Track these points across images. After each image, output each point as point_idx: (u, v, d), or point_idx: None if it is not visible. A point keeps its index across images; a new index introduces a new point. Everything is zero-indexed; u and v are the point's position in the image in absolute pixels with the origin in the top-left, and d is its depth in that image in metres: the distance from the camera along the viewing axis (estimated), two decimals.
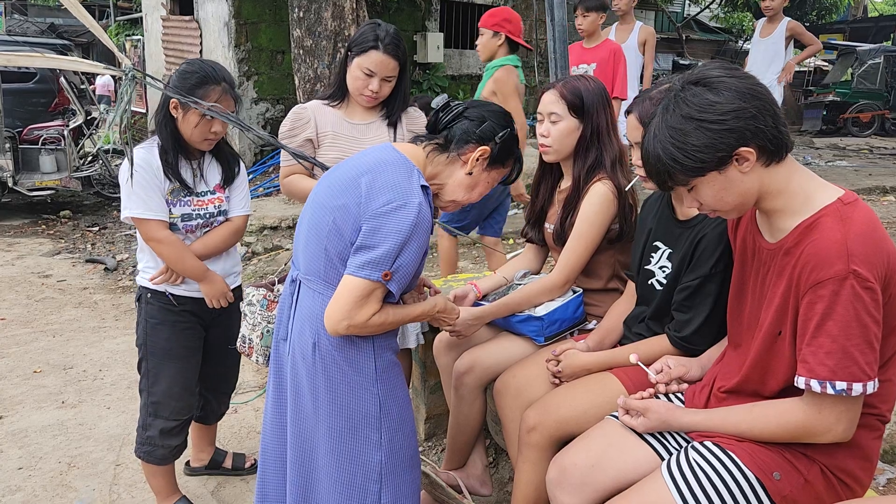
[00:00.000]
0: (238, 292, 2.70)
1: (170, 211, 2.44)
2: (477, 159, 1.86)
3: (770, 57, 6.39)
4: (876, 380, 1.43)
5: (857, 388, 1.41)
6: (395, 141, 2.64)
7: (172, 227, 2.46)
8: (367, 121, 2.66)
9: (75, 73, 8.53)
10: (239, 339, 2.37)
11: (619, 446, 1.77)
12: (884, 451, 2.52)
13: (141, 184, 2.36)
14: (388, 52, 2.50)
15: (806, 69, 21.75)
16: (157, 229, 2.41)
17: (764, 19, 6.58)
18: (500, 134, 1.88)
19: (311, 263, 1.82)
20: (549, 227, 2.50)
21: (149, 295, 2.52)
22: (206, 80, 2.35)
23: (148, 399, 2.55)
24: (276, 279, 2.41)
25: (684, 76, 1.51)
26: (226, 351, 2.71)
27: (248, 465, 3.02)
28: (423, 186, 1.75)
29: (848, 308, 1.39)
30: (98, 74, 8.30)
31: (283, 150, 2.65)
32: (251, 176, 8.46)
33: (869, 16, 21.98)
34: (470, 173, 1.87)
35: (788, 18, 6.48)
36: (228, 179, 2.59)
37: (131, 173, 2.31)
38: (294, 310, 1.88)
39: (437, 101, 1.92)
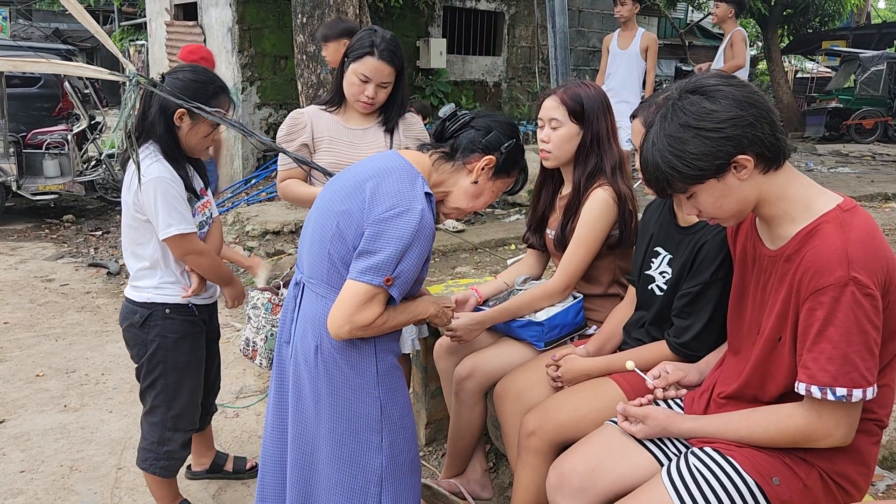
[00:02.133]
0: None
1: None
2: (482, 168, 1.87)
3: (630, 70, 6.26)
4: (875, 385, 1.44)
5: (858, 393, 1.42)
6: (391, 146, 2.65)
7: None
8: (363, 126, 2.67)
9: (79, 77, 8.56)
10: (242, 342, 2.38)
11: (619, 452, 1.78)
12: (883, 458, 2.51)
13: (177, 197, 2.28)
14: (384, 59, 2.51)
15: (809, 76, 21.76)
16: (197, 241, 2.36)
17: (619, 29, 6.39)
18: (506, 144, 1.90)
19: (314, 267, 1.84)
20: (550, 232, 2.51)
21: (167, 311, 2.42)
22: (220, 90, 2.35)
23: (167, 415, 2.48)
24: (281, 283, 2.42)
25: (682, 85, 1.52)
26: (215, 352, 2.72)
27: (248, 467, 3.02)
28: (426, 193, 1.76)
29: (848, 314, 1.40)
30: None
31: (280, 154, 2.67)
32: (254, 181, 8.48)
33: (872, 22, 21.97)
34: (475, 182, 1.89)
35: (643, 30, 6.32)
36: (207, 183, 2.57)
37: (139, 178, 2.20)
38: (297, 313, 1.90)
39: (445, 111, 1.94)
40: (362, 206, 1.74)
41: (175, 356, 2.44)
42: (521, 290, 2.53)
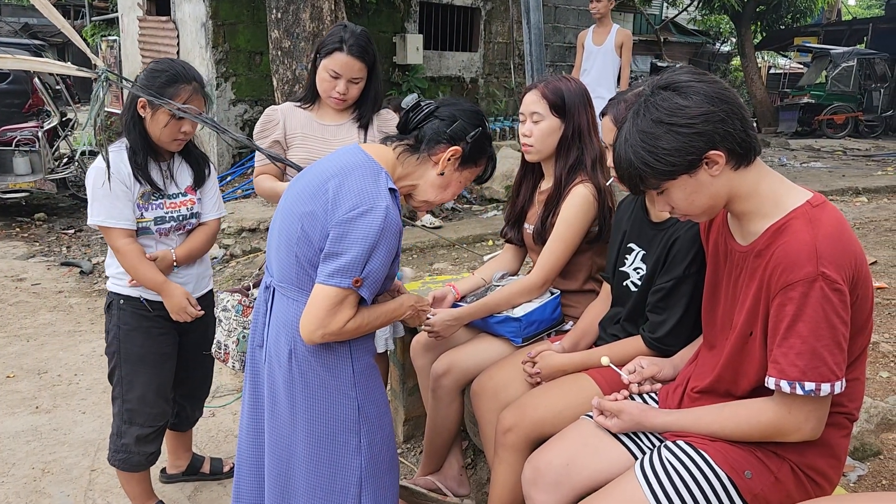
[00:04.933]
0: (211, 297, 2.68)
1: (142, 215, 2.39)
2: (448, 159, 1.83)
3: (605, 66, 6.24)
4: (843, 379, 1.46)
5: (826, 388, 1.44)
6: (365, 142, 2.64)
7: (146, 231, 2.41)
8: (337, 122, 2.66)
9: (50, 73, 8.41)
10: (214, 345, 2.35)
11: (594, 446, 1.79)
12: (854, 449, 2.56)
13: (104, 190, 2.29)
14: (353, 54, 2.50)
15: (782, 72, 22.04)
16: (117, 237, 2.35)
17: (593, 26, 6.38)
18: (472, 133, 1.85)
19: (283, 270, 1.81)
20: (529, 227, 2.51)
21: (121, 301, 2.47)
22: (175, 79, 2.30)
23: (122, 406, 2.50)
24: (251, 284, 2.40)
25: (654, 81, 1.53)
26: (202, 356, 2.67)
27: (226, 469, 2.99)
28: (390, 189, 1.73)
29: (817, 309, 1.42)
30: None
31: (257, 151, 2.65)
32: (230, 178, 8.40)
33: (843, 19, 22.29)
34: (442, 173, 1.85)
35: (617, 26, 6.31)
36: (199, 181, 2.55)
37: (108, 176, 2.24)
38: (269, 317, 1.87)
39: (407, 101, 1.90)
40: (326, 206, 1.70)
41: (127, 347, 2.47)
42: (498, 286, 2.53)
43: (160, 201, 2.43)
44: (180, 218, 2.48)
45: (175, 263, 2.48)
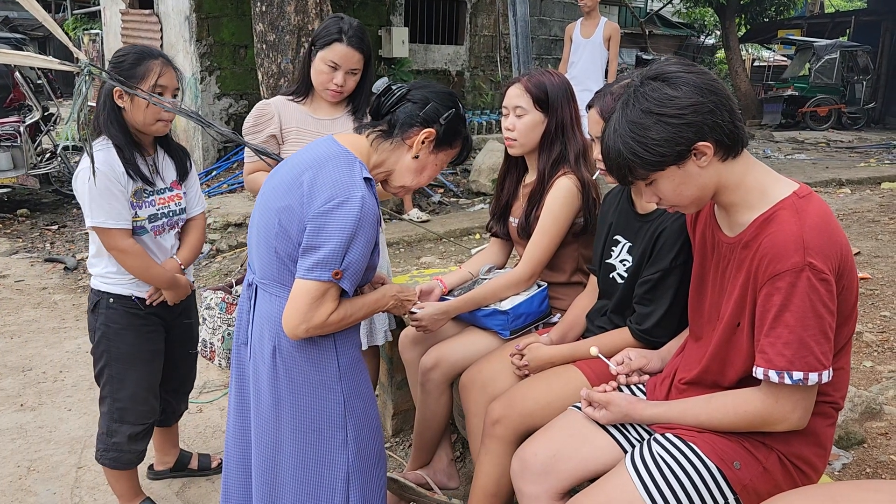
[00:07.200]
0: (192, 292, 2.67)
1: (136, 213, 2.35)
2: (423, 142, 1.82)
3: (592, 58, 6.35)
4: (830, 369, 1.47)
5: (813, 377, 1.45)
6: None
7: (141, 230, 2.38)
8: (332, 116, 2.64)
9: (31, 68, 8.32)
10: (200, 344, 2.34)
11: (581, 436, 1.79)
12: (839, 437, 2.58)
13: (101, 190, 2.24)
14: (352, 45, 2.49)
15: (766, 64, 22.15)
16: (121, 238, 2.31)
17: (581, 18, 6.48)
18: (445, 115, 1.83)
19: (264, 267, 1.80)
20: (514, 220, 2.51)
21: (110, 300, 2.42)
22: (142, 57, 2.27)
23: (113, 405, 2.47)
24: (234, 281, 2.39)
25: (643, 72, 1.53)
26: (186, 352, 2.67)
27: (214, 464, 2.98)
28: (366, 179, 1.71)
29: (804, 299, 1.43)
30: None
31: (246, 147, 2.63)
32: (215, 172, 8.34)
33: (826, 12, 22.42)
34: (416, 157, 1.83)
35: (605, 19, 6.43)
36: (183, 175, 2.53)
37: (93, 171, 2.18)
38: (253, 314, 1.85)
39: (378, 86, 1.87)
40: (301, 200, 1.69)
41: (118, 346, 2.44)
42: (485, 279, 2.53)
43: (151, 198, 2.40)
44: (171, 214, 2.47)
45: (182, 267, 2.49)
